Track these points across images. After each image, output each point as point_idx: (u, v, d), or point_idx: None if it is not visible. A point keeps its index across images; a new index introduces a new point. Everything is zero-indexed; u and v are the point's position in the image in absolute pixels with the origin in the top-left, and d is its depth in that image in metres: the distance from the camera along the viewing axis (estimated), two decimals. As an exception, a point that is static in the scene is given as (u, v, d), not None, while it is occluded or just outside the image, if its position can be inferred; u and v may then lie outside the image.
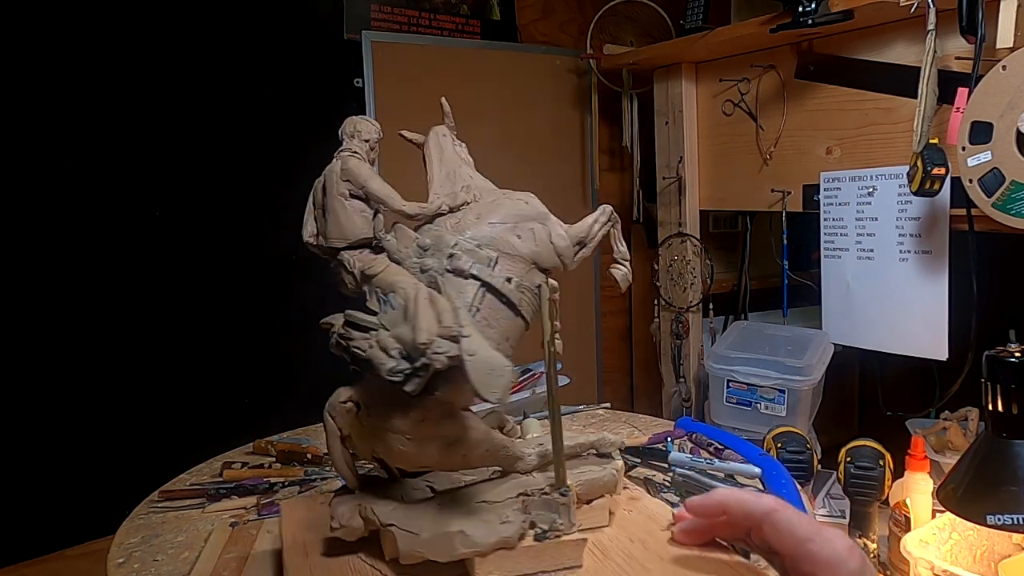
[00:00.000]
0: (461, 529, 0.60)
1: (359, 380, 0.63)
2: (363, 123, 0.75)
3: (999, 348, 0.92)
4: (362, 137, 0.74)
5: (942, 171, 1.15)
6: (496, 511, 0.63)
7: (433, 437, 0.62)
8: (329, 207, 0.70)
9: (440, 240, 0.66)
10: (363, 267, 0.66)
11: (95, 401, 1.34)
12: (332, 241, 0.70)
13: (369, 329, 0.61)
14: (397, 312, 0.60)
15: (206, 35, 1.44)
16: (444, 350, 0.56)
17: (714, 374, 1.52)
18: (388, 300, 0.62)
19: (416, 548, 0.60)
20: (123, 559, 0.80)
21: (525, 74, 1.85)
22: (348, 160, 0.71)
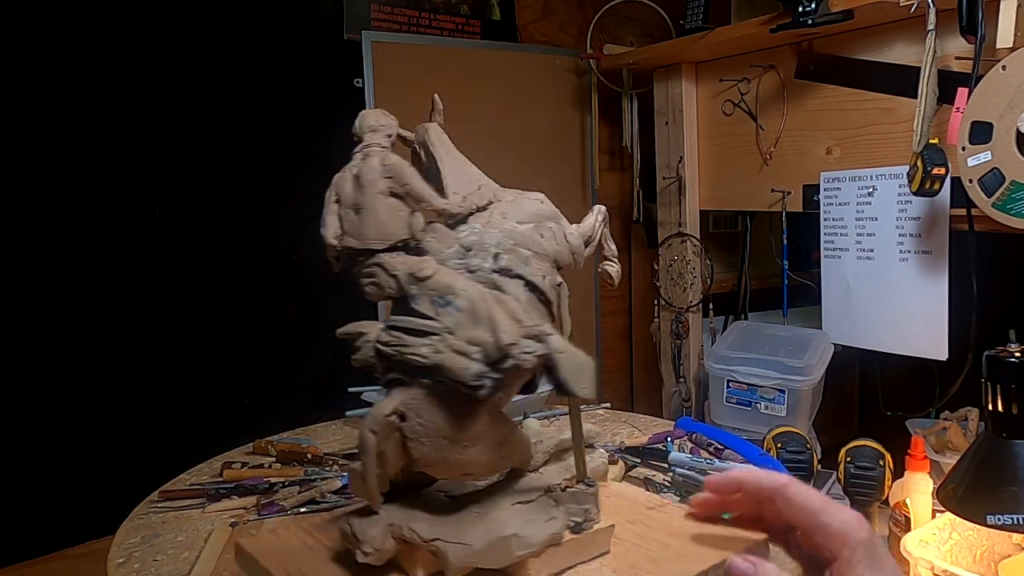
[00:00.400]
0: (515, 532, 0.60)
1: (400, 390, 0.59)
2: (383, 117, 0.70)
3: (999, 348, 0.92)
4: (385, 132, 0.69)
5: (942, 171, 1.15)
6: (536, 510, 0.63)
7: (488, 441, 0.62)
8: (368, 206, 0.64)
9: (481, 240, 0.65)
10: (410, 270, 0.62)
11: (95, 401, 1.34)
12: (369, 242, 0.64)
13: (430, 334, 0.58)
14: (463, 315, 0.58)
15: (206, 35, 1.44)
16: (532, 349, 0.56)
17: (714, 374, 1.52)
18: (451, 303, 0.59)
19: (470, 559, 0.59)
20: (123, 559, 0.80)
21: (525, 74, 1.85)
22: (389, 156, 0.65)
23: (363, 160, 0.66)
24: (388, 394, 0.60)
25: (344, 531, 0.61)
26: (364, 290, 0.64)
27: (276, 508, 0.90)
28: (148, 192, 1.39)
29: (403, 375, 0.59)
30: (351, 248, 0.65)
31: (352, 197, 0.65)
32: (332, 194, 0.66)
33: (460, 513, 0.63)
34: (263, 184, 1.51)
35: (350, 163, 0.66)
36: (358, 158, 0.66)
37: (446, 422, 0.59)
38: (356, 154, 0.67)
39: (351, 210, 0.65)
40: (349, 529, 0.60)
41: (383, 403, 0.59)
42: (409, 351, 0.58)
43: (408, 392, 0.59)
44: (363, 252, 0.64)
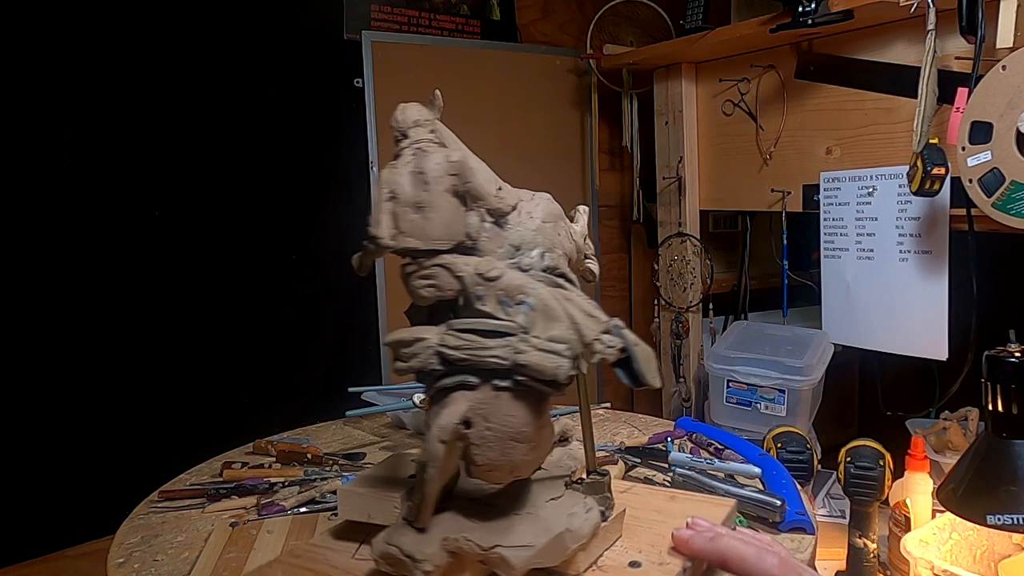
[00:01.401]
0: (566, 527, 0.61)
1: (463, 395, 0.58)
2: (424, 111, 0.67)
3: (999, 348, 0.92)
4: (429, 127, 0.65)
5: (942, 171, 1.15)
6: (571, 503, 0.64)
7: (546, 438, 0.62)
8: (433, 204, 0.61)
9: (523, 239, 0.65)
10: (478, 270, 0.60)
11: (95, 401, 1.34)
12: (435, 243, 0.60)
13: (506, 334, 0.57)
14: (537, 314, 0.58)
15: (206, 35, 1.44)
16: (613, 343, 0.57)
17: (714, 374, 1.52)
18: (523, 302, 0.58)
19: (532, 561, 0.59)
20: (123, 559, 0.80)
21: (525, 74, 1.85)
22: (453, 153, 0.63)
23: (417, 156, 0.62)
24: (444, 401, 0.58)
25: (391, 554, 0.59)
26: (419, 293, 0.60)
27: (276, 508, 0.90)
28: (148, 192, 1.39)
29: (473, 378, 0.58)
30: (411, 249, 0.60)
31: (413, 195, 0.61)
32: (384, 191, 0.61)
33: (506, 517, 0.63)
34: (263, 184, 1.51)
35: (399, 159, 0.62)
36: (408, 154, 0.62)
37: (518, 423, 0.58)
38: (405, 150, 0.63)
39: (410, 208, 0.61)
40: (399, 551, 0.58)
41: (449, 411, 0.57)
42: (487, 353, 0.57)
43: (475, 396, 0.58)
44: (425, 253, 0.60)
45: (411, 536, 0.59)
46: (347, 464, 1.05)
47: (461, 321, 0.59)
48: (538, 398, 0.58)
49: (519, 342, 0.57)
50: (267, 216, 1.52)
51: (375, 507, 0.66)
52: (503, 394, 0.58)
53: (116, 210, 1.36)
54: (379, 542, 0.60)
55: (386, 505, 0.66)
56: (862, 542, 1.10)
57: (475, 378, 0.58)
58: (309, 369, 1.58)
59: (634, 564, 0.64)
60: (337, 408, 1.21)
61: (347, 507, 0.69)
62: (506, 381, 0.57)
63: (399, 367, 0.59)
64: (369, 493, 0.68)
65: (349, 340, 1.63)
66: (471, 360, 0.57)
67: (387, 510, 0.66)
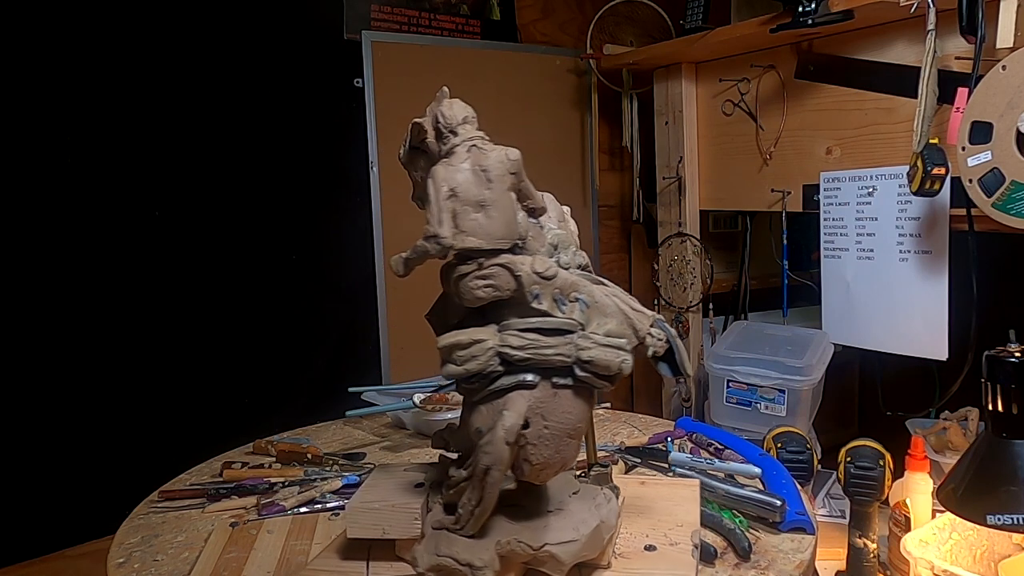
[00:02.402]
0: (601, 520, 0.62)
1: (520, 395, 0.58)
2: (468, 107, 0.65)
3: (999, 348, 0.92)
4: (474, 124, 0.64)
5: (942, 171, 1.15)
6: (591, 495, 0.66)
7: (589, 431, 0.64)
8: (497, 203, 0.59)
9: (560, 237, 0.66)
10: (535, 269, 0.59)
11: (95, 401, 1.34)
12: (497, 242, 0.59)
13: (567, 332, 0.58)
14: (592, 311, 0.59)
15: (206, 35, 1.44)
16: (661, 336, 0.59)
17: (714, 374, 1.52)
18: (578, 300, 0.59)
19: (579, 554, 0.61)
20: (123, 559, 0.80)
21: (525, 74, 1.85)
22: (512, 150, 0.62)
23: (473, 153, 0.61)
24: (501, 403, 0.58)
25: (445, 565, 0.58)
26: (475, 294, 0.58)
27: (276, 508, 0.90)
28: (148, 192, 1.39)
29: (531, 377, 0.58)
30: (473, 249, 0.58)
31: (476, 193, 0.59)
32: (444, 189, 0.59)
33: (541, 516, 0.63)
34: (263, 184, 1.51)
35: (453, 156, 0.60)
36: (463, 151, 0.61)
37: (574, 420, 0.59)
38: (458, 147, 0.61)
39: (471, 207, 0.59)
40: (454, 561, 0.58)
41: (514, 412, 0.57)
42: (551, 351, 0.57)
43: (533, 395, 0.58)
44: (486, 253, 0.59)
45: (463, 544, 0.59)
46: (347, 464, 1.05)
47: (523, 321, 0.58)
48: (590, 394, 0.59)
49: (580, 339, 0.58)
50: (267, 216, 1.52)
51: (390, 521, 0.64)
52: (562, 392, 0.58)
53: (116, 210, 1.36)
54: (426, 555, 0.59)
55: (402, 518, 0.64)
56: (862, 542, 1.10)
57: (534, 377, 0.58)
58: (309, 369, 1.58)
59: (650, 548, 0.66)
60: (337, 408, 1.21)
61: (358, 525, 0.65)
62: (566, 379, 0.58)
63: (452, 371, 0.58)
64: (383, 508, 0.65)
65: (349, 340, 1.63)
66: (534, 359, 0.57)
67: (404, 523, 0.64)
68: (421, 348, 1.67)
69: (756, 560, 0.74)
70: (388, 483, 0.69)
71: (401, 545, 0.65)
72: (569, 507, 0.64)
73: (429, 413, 1.13)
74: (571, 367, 0.58)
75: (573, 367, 0.58)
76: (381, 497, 0.66)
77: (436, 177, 0.59)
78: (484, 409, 0.59)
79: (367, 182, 1.62)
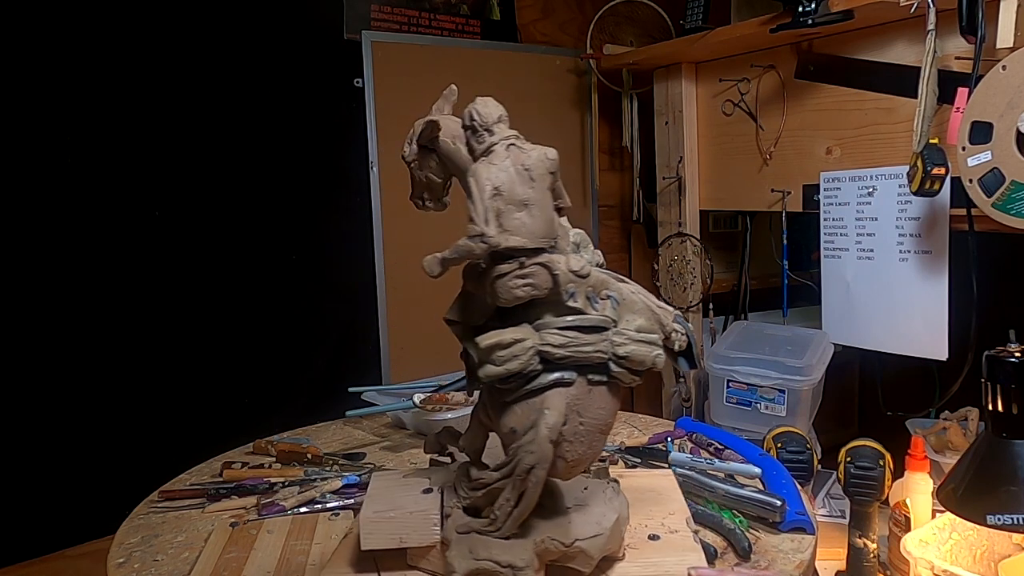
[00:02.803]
0: (619, 513, 0.63)
1: (557, 393, 0.58)
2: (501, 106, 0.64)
3: (999, 348, 0.92)
4: (507, 122, 0.64)
5: (942, 171, 1.15)
6: (601, 488, 0.67)
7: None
8: (539, 202, 0.59)
9: (580, 236, 0.66)
10: (571, 267, 0.60)
11: (95, 401, 1.34)
12: (540, 241, 0.59)
13: (603, 329, 0.59)
14: (623, 307, 0.60)
15: (206, 35, 1.44)
16: (684, 331, 0.60)
17: (714, 374, 1.52)
18: (610, 297, 0.60)
19: (604, 548, 0.61)
20: (123, 559, 0.80)
21: (525, 74, 1.85)
22: (550, 151, 0.62)
23: (512, 152, 0.60)
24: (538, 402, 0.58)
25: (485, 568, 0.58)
26: (514, 293, 0.58)
27: (276, 508, 0.90)
28: (148, 192, 1.39)
29: (570, 375, 0.58)
30: (517, 248, 0.58)
31: (520, 192, 0.59)
32: (488, 188, 0.58)
33: (563, 514, 0.64)
34: (263, 184, 1.51)
35: (492, 155, 0.60)
36: (502, 149, 0.60)
37: (606, 415, 0.60)
38: (496, 146, 0.61)
39: (515, 206, 0.59)
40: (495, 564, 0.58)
41: (553, 411, 0.57)
42: (590, 348, 0.58)
43: (571, 392, 0.58)
44: (528, 252, 0.58)
45: (499, 546, 0.59)
46: (347, 464, 1.05)
47: (563, 319, 0.59)
48: (619, 389, 0.60)
49: (614, 335, 0.59)
50: (267, 216, 1.52)
51: (407, 530, 0.63)
52: (596, 388, 0.59)
53: (116, 210, 1.36)
54: (462, 560, 0.59)
55: (420, 525, 0.63)
56: (862, 542, 1.10)
57: (571, 374, 0.58)
58: (309, 369, 1.58)
59: (653, 537, 0.67)
60: (337, 408, 1.21)
61: (374, 536, 0.63)
62: (601, 375, 0.58)
63: (493, 372, 0.57)
64: (400, 516, 0.63)
65: (349, 340, 1.63)
66: (574, 356, 0.58)
67: (422, 530, 0.63)
68: (421, 348, 1.68)
69: (756, 560, 0.74)
70: (394, 490, 0.68)
71: (416, 553, 0.64)
72: (587, 502, 0.65)
73: (429, 413, 1.13)
74: (606, 363, 0.59)
75: (608, 363, 0.59)
76: (393, 505, 0.64)
77: (478, 176, 0.59)
78: (519, 409, 0.59)
79: (367, 182, 1.62)
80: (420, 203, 0.71)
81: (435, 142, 0.65)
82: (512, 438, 0.59)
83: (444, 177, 0.68)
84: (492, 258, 0.58)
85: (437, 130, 0.64)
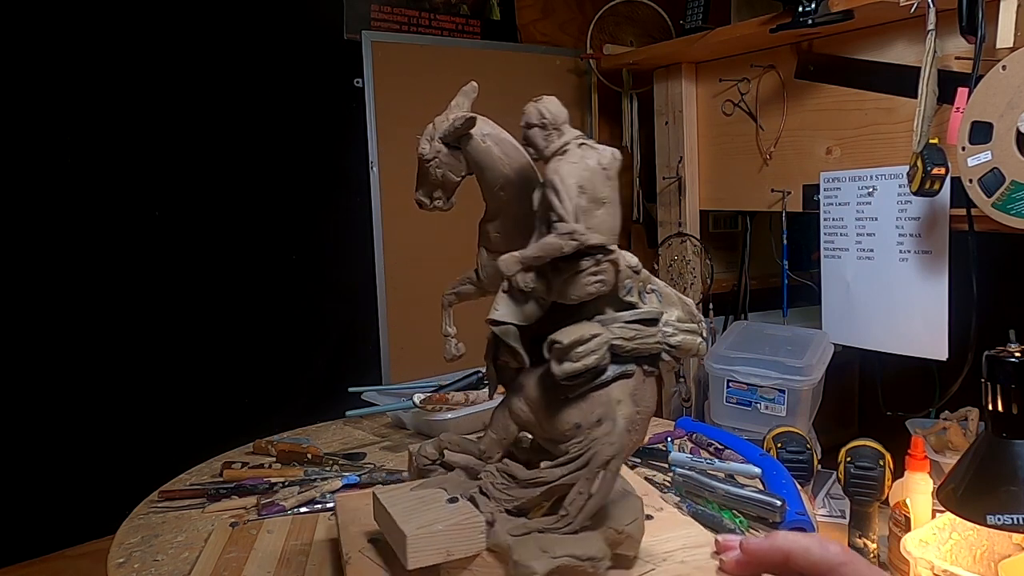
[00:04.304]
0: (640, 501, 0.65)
1: (621, 384, 0.60)
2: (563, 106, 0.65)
3: (999, 348, 0.92)
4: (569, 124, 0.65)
5: (942, 171, 1.15)
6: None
7: None
8: (613, 200, 0.61)
9: None
10: (629, 263, 0.62)
11: (95, 401, 1.34)
12: (613, 238, 0.61)
13: (658, 321, 0.61)
14: (664, 300, 0.63)
15: (206, 35, 1.44)
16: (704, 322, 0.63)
17: (714, 374, 1.52)
18: (654, 291, 0.63)
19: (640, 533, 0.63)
20: (123, 559, 0.80)
21: (525, 74, 1.85)
22: (615, 151, 0.63)
23: (585, 150, 0.61)
24: (604, 394, 0.59)
25: (566, 565, 0.58)
26: (587, 290, 0.59)
27: (276, 508, 0.90)
28: (148, 192, 1.39)
29: (632, 367, 0.61)
30: (598, 246, 0.59)
31: (600, 190, 0.60)
32: (573, 186, 0.59)
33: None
34: (263, 184, 1.51)
35: (567, 154, 0.61)
36: (574, 148, 0.61)
37: (654, 403, 0.62)
38: (570, 144, 0.61)
39: (594, 204, 0.60)
40: (575, 559, 0.58)
41: (626, 402, 0.60)
42: (652, 340, 0.60)
43: (631, 383, 0.61)
44: (604, 249, 0.60)
45: (571, 540, 0.59)
46: (347, 464, 1.05)
47: (630, 313, 0.61)
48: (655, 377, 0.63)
49: (666, 326, 0.61)
50: (267, 216, 1.52)
51: (455, 542, 0.63)
52: (648, 378, 0.61)
53: (116, 210, 1.36)
54: (538, 560, 0.58)
55: (468, 535, 0.63)
56: (862, 542, 1.10)
57: (632, 366, 0.60)
58: (309, 369, 1.58)
59: (648, 517, 0.69)
60: (337, 408, 1.21)
61: (422, 553, 0.61)
62: (653, 365, 0.61)
63: (570, 368, 0.58)
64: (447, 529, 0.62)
65: (349, 340, 1.63)
66: (638, 349, 0.60)
67: (468, 540, 0.63)
68: (421, 348, 1.68)
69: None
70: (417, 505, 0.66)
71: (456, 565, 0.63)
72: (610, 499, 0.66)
73: (429, 413, 1.13)
74: (659, 353, 0.61)
75: (661, 353, 0.61)
76: (431, 519, 0.63)
77: (563, 173, 0.59)
78: (583, 404, 0.60)
79: (367, 182, 1.62)
80: (427, 202, 0.70)
81: (465, 139, 0.65)
82: (576, 433, 0.60)
83: (462, 176, 0.69)
84: (564, 256, 0.60)
85: (473, 125, 0.64)
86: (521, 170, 0.69)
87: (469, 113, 0.66)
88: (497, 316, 0.62)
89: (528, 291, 0.60)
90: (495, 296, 0.67)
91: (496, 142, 0.68)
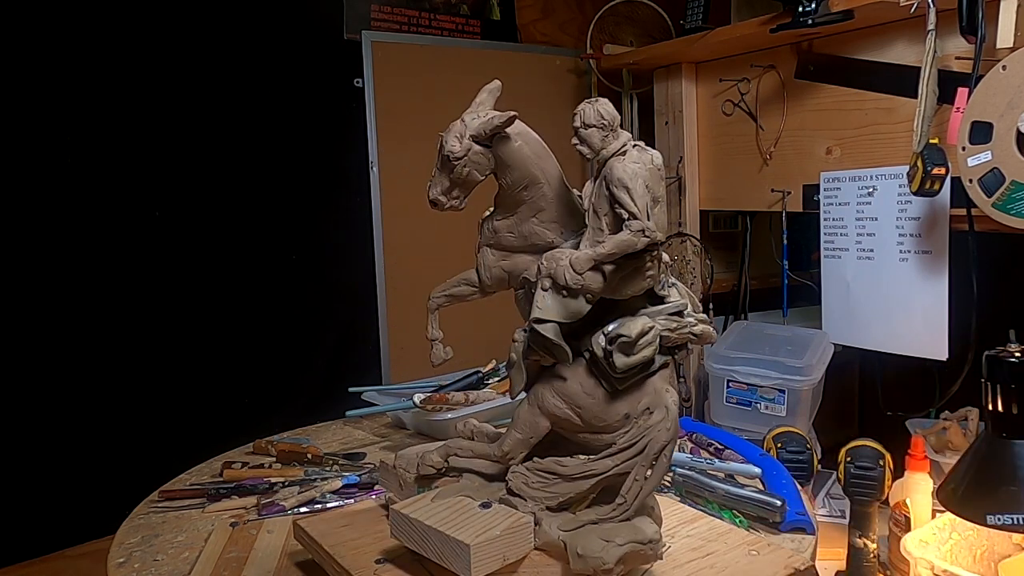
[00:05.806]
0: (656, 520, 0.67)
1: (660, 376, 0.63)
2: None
3: (999, 348, 0.92)
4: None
5: (942, 171, 1.14)
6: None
7: None
8: (664, 199, 0.65)
9: None
10: (667, 260, 0.66)
11: (95, 401, 1.34)
12: (664, 234, 0.64)
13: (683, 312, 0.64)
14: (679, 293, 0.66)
15: (206, 35, 1.44)
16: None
17: (714, 374, 1.52)
18: (675, 284, 0.67)
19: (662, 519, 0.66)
20: (123, 559, 0.80)
21: (525, 74, 1.85)
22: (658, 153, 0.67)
23: (640, 151, 0.64)
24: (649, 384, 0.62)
25: (633, 550, 0.59)
26: (642, 284, 0.63)
27: (276, 508, 0.90)
28: (148, 192, 1.39)
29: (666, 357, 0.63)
30: (659, 242, 0.62)
31: (657, 190, 0.63)
32: (641, 186, 0.61)
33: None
34: (263, 184, 1.51)
35: (627, 155, 0.63)
36: (631, 149, 0.63)
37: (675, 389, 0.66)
38: (627, 145, 0.63)
39: (653, 203, 0.62)
40: (638, 543, 0.59)
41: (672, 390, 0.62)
42: (687, 330, 0.63)
43: (668, 372, 0.64)
44: (658, 245, 0.63)
45: (629, 527, 0.61)
46: (347, 464, 1.05)
47: (665, 306, 0.64)
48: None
49: (688, 317, 0.64)
50: (267, 216, 1.52)
51: (509, 546, 0.63)
52: (672, 365, 0.64)
53: (116, 210, 1.36)
54: (608, 548, 0.59)
55: (520, 538, 0.64)
56: (862, 542, 1.10)
57: (668, 356, 0.64)
58: (309, 369, 1.58)
59: None
60: (337, 408, 1.21)
61: (483, 562, 0.61)
62: (680, 353, 0.64)
63: (630, 361, 0.60)
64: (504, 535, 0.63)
65: (349, 340, 1.63)
66: (678, 339, 0.63)
67: (520, 543, 0.64)
68: (421, 348, 1.67)
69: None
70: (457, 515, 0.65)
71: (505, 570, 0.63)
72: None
73: (429, 413, 1.13)
74: (686, 343, 0.64)
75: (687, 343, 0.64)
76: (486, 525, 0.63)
77: (631, 174, 0.61)
78: (629, 394, 0.62)
79: (367, 182, 1.62)
80: (444, 200, 0.70)
81: (500, 138, 0.66)
82: (625, 423, 0.62)
83: (484, 175, 0.69)
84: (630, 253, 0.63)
85: (513, 123, 0.65)
86: (549, 170, 0.70)
87: (509, 112, 0.67)
88: (541, 315, 0.62)
89: (577, 288, 0.61)
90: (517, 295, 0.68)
91: (527, 141, 0.70)
